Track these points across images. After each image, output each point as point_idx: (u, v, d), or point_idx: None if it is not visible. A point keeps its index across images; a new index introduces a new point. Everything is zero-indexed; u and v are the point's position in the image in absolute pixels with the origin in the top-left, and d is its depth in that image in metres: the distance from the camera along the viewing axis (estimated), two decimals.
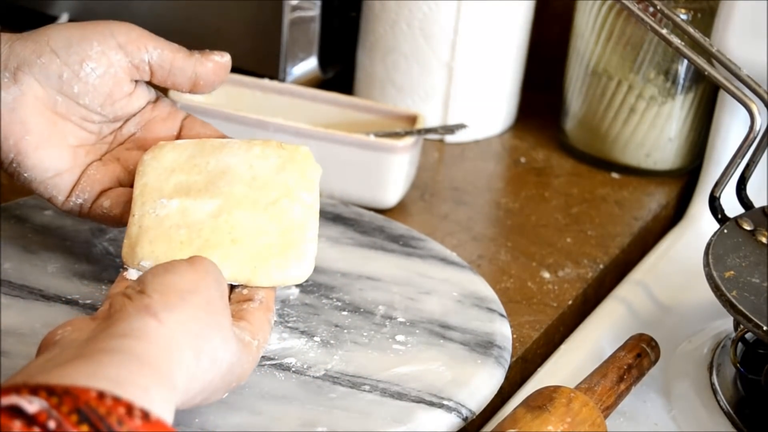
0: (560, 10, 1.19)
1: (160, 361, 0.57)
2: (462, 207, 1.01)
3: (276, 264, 0.72)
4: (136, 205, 0.73)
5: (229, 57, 0.78)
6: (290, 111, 1.01)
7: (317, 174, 0.76)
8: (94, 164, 0.77)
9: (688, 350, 0.85)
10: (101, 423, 0.49)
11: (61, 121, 0.75)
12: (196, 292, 0.62)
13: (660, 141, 1.09)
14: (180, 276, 0.63)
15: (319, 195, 0.75)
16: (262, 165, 0.75)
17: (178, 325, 0.60)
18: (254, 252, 0.72)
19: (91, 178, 0.76)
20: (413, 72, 1.10)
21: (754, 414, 0.78)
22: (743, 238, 0.82)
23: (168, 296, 0.61)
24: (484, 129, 1.14)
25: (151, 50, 0.75)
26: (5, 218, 0.85)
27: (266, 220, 0.73)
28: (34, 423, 0.48)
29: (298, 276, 0.73)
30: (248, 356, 0.66)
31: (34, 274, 0.79)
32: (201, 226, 0.72)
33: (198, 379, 0.61)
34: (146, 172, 0.74)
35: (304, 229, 0.73)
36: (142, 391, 0.54)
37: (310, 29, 1.13)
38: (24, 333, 0.73)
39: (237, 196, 0.73)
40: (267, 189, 0.74)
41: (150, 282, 0.62)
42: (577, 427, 0.68)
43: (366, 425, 0.69)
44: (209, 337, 0.61)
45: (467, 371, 0.75)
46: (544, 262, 0.94)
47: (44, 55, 0.73)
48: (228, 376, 0.64)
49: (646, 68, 1.06)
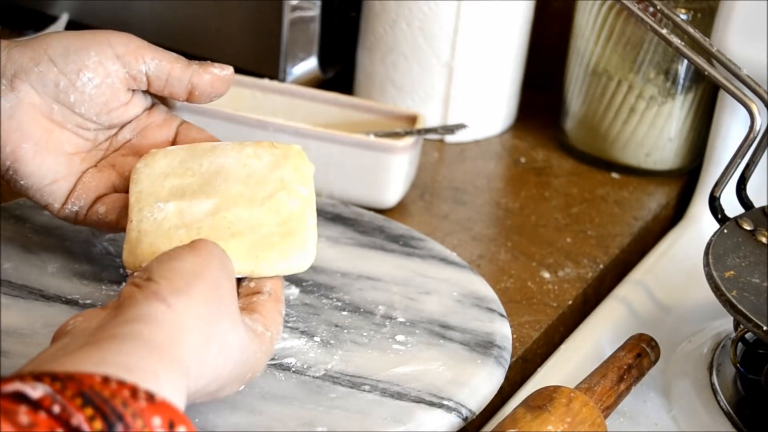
0: (560, 10, 1.19)
1: (170, 345, 0.58)
2: (462, 207, 1.01)
3: (278, 252, 0.72)
4: (133, 211, 0.73)
5: (231, 71, 0.78)
6: (290, 111, 1.01)
7: (311, 171, 0.76)
8: (89, 171, 0.77)
9: (688, 350, 0.85)
10: (105, 405, 0.49)
11: (58, 129, 0.75)
12: (202, 276, 0.63)
13: (660, 141, 1.09)
14: (184, 261, 0.63)
15: (314, 190, 0.75)
16: (256, 163, 0.75)
17: (187, 309, 0.60)
18: (255, 243, 0.72)
19: (86, 185, 0.76)
20: (413, 72, 1.10)
21: (754, 414, 0.78)
22: (743, 238, 0.82)
23: (175, 281, 0.61)
24: (484, 129, 1.14)
25: (149, 61, 0.75)
26: (5, 218, 0.85)
27: (264, 213, 0.73)
28: (39, 408, 0.48)
29: (300, 264, 0.73)
30: (261, 346, 0.66)
31: (34, 274, 0.80)
32: (199, 224, 0.72)
33: (209, 365, 0.61)
34: (140, 180, 0.75)
35: (304, 218, 0.73)
36: (151, 375, 0.55)
37: (310, 29, 1.13)
38: (24, 333, 0.73)
39: (233, 193, 0.74)
40: (263, 184, 0.74)
41: (156, 269, 0.62)
42: (577, 427, 0.68)
43: (366, 425, 0.69)
44: (217, 321, 0.62)
45: (467, 371, 0.75)
46: (544, 262, 0.94)
47: (42, 64, 0.74)
48: (240, 364, 0.64)
49: (646, 68, 1.06)
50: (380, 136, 0.98)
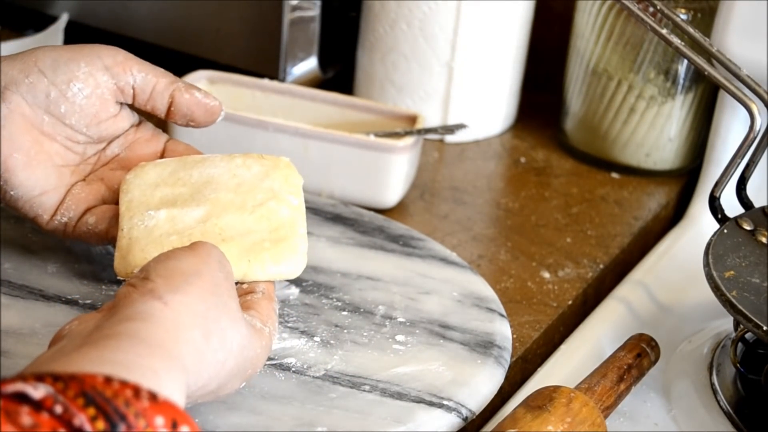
0: (560, 10, 1.19)
1: (168, 342, 0.58)
2: (462, 207, 1.01)
3: (270, 257, 0.72)
4: (124, 219, 0.74)
5: (218, 104, 0.78)
6: (290, 111, 1.01)
7: (300, 182, 0.77)
8: (78, 184, 0.77)
9: (688, 350, 0.85)
10: (108, 405, 0.49)
11: (48, 140, 0.76)
12: (200, 275, 0.63)
13: (660, 141, 1.09)
14: (182, 260, 0.63)
15: (304, 200, 0.76)
16: (245, 173, 0.76)
17: (184, 306, 0.60)
18: (246, 248, 0.72)
19: (75, 197, 0.77)
20: (413, 72, 1.10)
21: (754, 414, 0.78)
22: (743, 238, 0.82)
23: (172, 279, 0.61)
24: (484, 129, 1.14)
25: (136, 73, 0.76)
26: (5, 218, 0.85)
27: (255, 220, 0.74)
28: (41, 408, 0.48)
29: (291, 270, 0.73)
30: (260, 341, 0.66)
31: (34, 274, 0.80)
32: (191, 231, 0.73)
33: (209, 362, 0.61)
34: (130, 190, 0.75)
35: (294, 226, 0.74)
36: (151, 373, 0.55)
37: (310, 29, 1.13)
38: (24, 333, 0.73)
39: (223, 201, 0.74)
40: (253, 193, 0.75)
41: (153, 268, 0.62)
42: (577, 427, 0.68)
43: (366, 425, 0.69)
44: (216, 317, 0.62)
45: (467, 371, 0.75)
46: (544, 262, 0.94)
47: (32, 75, 0.74)
48: (241, 360, 0.64)
49: (646, 68, 1.06)
50: (380, 136, 0.98)
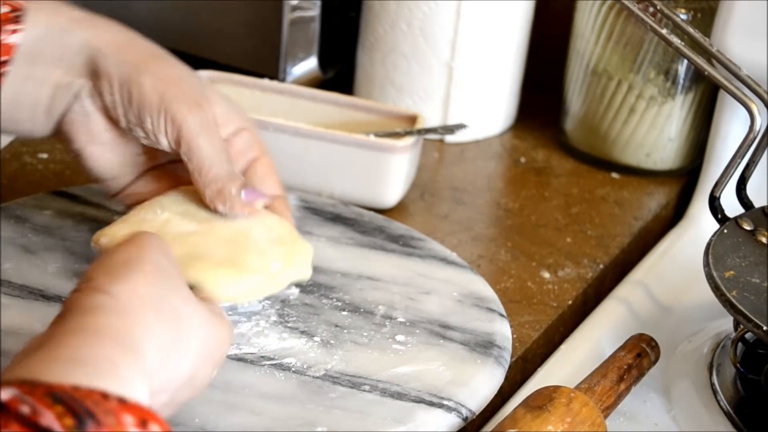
0: (560, 10, 1.19)
1: (119, 329, 0.57)
2: (462, 207, 1.01)
3: (283, 253, 0.74)
4: (134, 209, 0.74)
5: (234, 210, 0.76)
6: (290, 111, 1.01)
7: (307, 275, 0.76)
8: (150, 171, 0.78)
9: (688, 350, 0.85)
10: (75, 403, 0.48)
11: (128, 139, 0.76)
12: (141, 261, 0.61)
13: (660, 141, 1.09)
14: (120, 253, 0.62)
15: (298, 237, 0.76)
16: (262, 228, 0.75)
17: (129, 293, 0.59)
18: (252, 247, 0.73)
19: (146, 182, 0.78)
20: (413, 72, 1.10)
21: (754, 414, 0.78)
22: (743, 238, 0.82)
23: (113, 272, 0.60)
24: (484, 129, 1.14)
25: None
26: (5, 218, 0.85)
27: (249, 226, 0.74)
28: (7, 411, 0.47)
29: (303, 273, 0.75)
30: (222, 320, 0.65)
31: (34, 274, 0.79)
32: (183, 236, 0.73)
33: (168, 343, 0.59)
34: (160, 201, 0.76)
35: (294, 233, 0.75)
36: (107, 363, 0.53)
37: (310, 29, 1.13)
38: (24, 333, 0.73)
39: (223, 229, 0.74)
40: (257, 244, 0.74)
41: (93, 269, 0.61)
42: (577, 427, 0.68)
43: (366, 425, 0.69)
44: (166, 296, 0.61)
45: (467, 371, 0.75)
46: (544, 262, 0.94)
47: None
48: (205, 340, 0.62)
49: (646, 68, 1.06)
50: (380, 136, 0.98)
